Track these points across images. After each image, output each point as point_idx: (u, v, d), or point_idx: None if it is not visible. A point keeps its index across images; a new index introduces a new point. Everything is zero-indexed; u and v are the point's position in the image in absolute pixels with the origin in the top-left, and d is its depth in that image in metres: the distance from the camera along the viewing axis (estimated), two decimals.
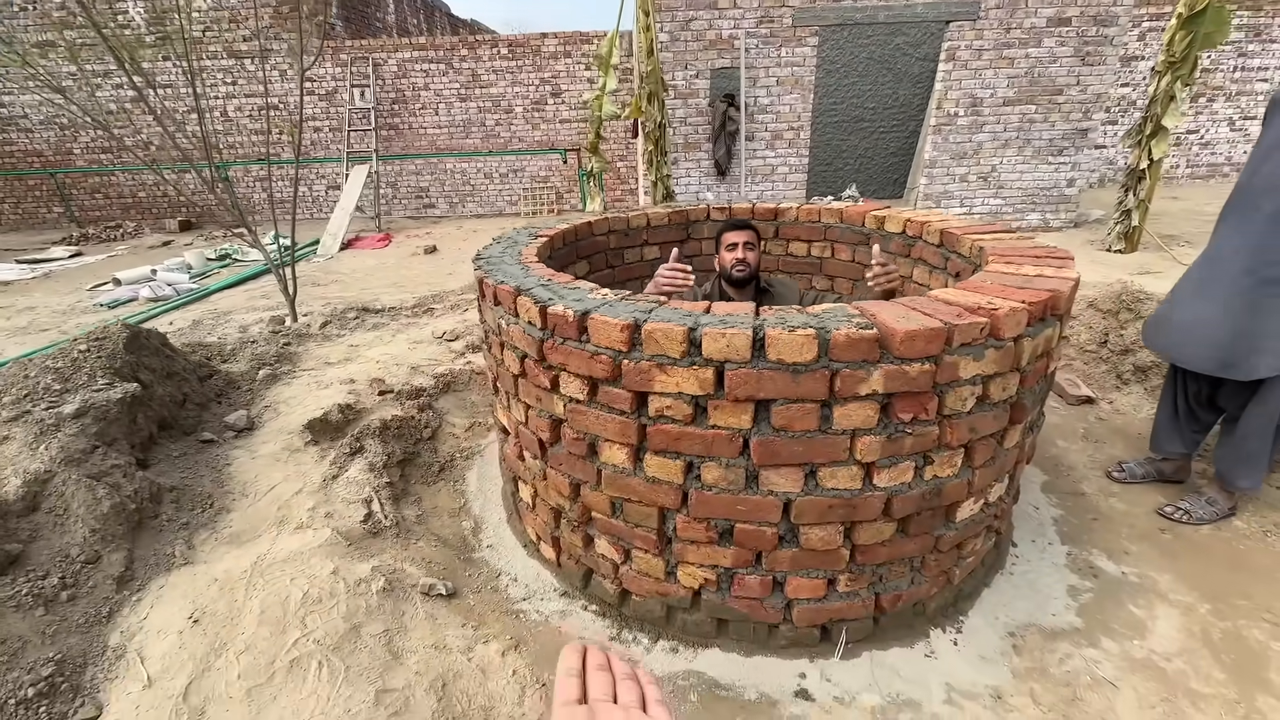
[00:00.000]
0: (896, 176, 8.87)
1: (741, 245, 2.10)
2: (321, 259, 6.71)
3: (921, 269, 2.39)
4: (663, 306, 1.44)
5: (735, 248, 2.11)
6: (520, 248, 2.16)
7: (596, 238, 2.71)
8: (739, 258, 2.10)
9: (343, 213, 7.53)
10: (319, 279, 5.81)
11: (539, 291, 1.58)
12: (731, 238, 2.12)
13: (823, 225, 2.78)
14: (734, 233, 2.12)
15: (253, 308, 4.89)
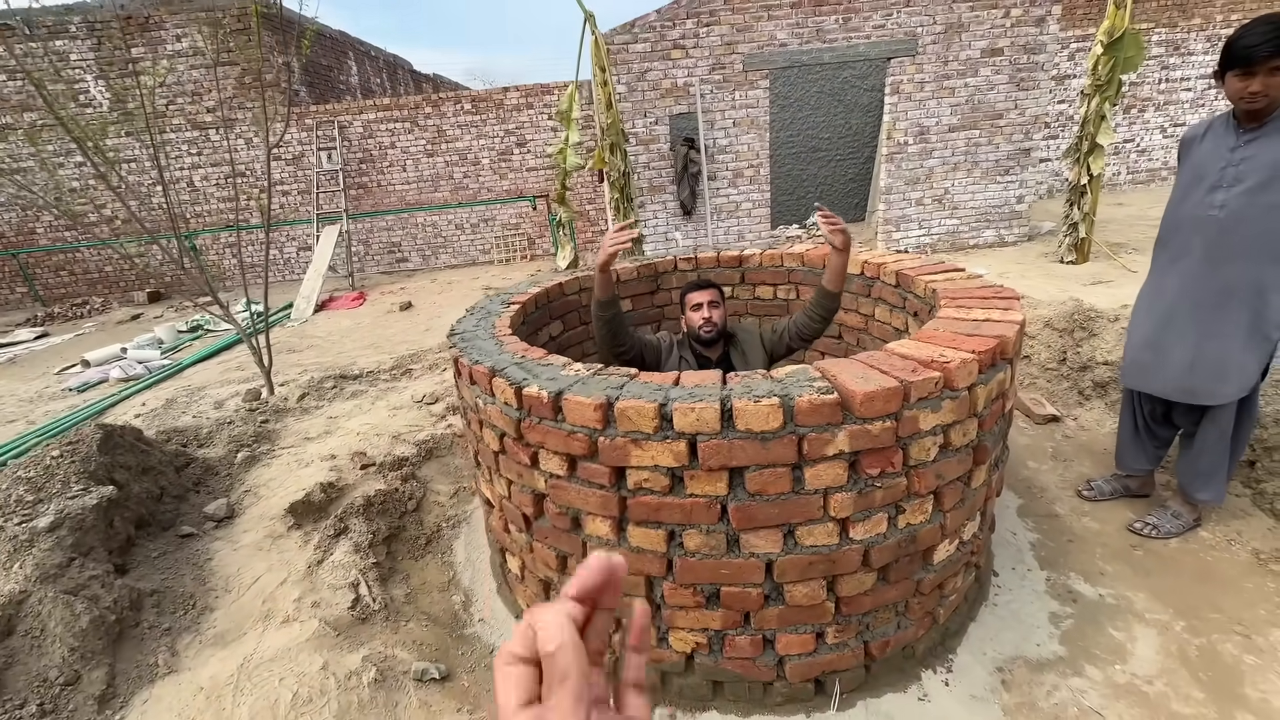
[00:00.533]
0: (857, 200, 9.20)
1: (706, 304, 2.17)
2: (296, 323, 6.69)
3: (882, 308, 2.48)
4: (634, 381, 1.49)
5: (700, 307, 2.18)
6: (494, 318, 2.21)
7: (568, 297, 2.77)
8: (705, 317, 2.16)
9: (315, 274, 7.54)
10: (294, 345, 5.79)
11: (513, 371, 1.63)
12: (696, 298, 2.19)
13: (786, 269, 2.89)
14: (697, 293, 2.20)
15: (227, 380, 4.84)
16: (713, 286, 2.22)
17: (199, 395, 4.48)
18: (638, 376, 1.53)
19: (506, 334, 1.99)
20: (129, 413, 4.24)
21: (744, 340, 2.29)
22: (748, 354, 2.26)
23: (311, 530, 2.31)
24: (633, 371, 1.56)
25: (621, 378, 1.52)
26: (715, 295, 2.20)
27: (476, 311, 2.37)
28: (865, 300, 2.57)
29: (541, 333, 2.64)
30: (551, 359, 1.69)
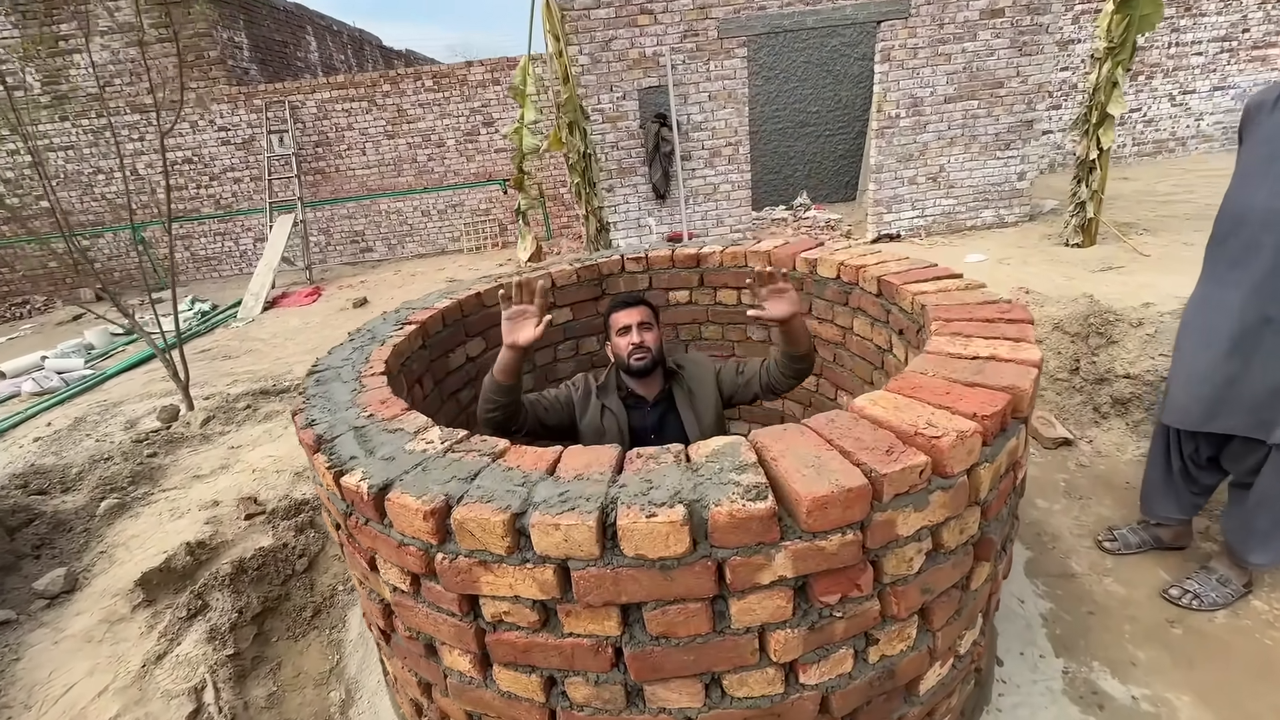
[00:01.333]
0: (848, 179, 8.67)
1: (636, 327, 1.72)
2: (241, 323, 6.20)
3: (862, 319, 2.04)
4: (492, 467, 1.05)
5: (628, 330, 1.73)
6: (375, 346, 1.76)
7: (489, 309, 2.31)
8: (635, 343, 1.71)
9: (266, 268, 7.03)
10: (233, 349, 5.31)
11: (344, 444, 1.18)
12: (621, 319, 1.74)
13: (749, 269, 2.43)
14: (623, 312, 1.75)
15: (149, 394, 4.39)
16: (642, 304, 1.78)
17: (113, 412, 4.03)
18: (504, 456, 1.09)
19: (373, 376, 1.54)
20: (29, 435, 3.80)
21: (691, 376, 1.85)
22: (695, 393, 1.82)
23: (163, 609, 1.89)
24: (499, 446, 1.12)
25: (480, 459, 1.08)
26: (646, 314, 1.76)
27: (359, 336, 1.91)
28: (842, 310, 2.12)
29: (457, 352, 2.19)
30: (404, 421, 1.25)
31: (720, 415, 1.85)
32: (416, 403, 1.86)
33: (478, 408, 1.62)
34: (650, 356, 1.72)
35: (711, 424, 1.80)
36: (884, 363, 1.92)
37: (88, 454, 2.93)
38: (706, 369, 1.87)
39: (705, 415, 1.80)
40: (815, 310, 2.24)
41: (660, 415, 1.80)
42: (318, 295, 6.96)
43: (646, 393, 1.80)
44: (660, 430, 1.78)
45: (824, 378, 2.32)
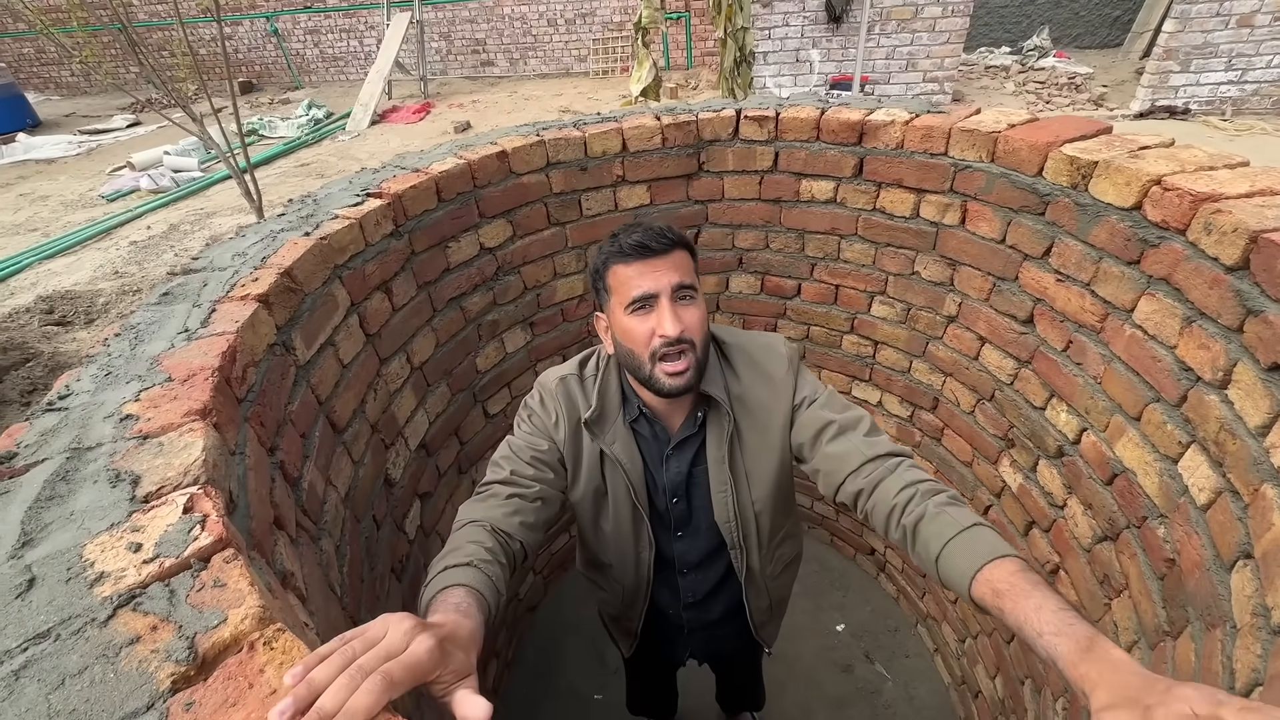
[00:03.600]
0: (1118, 14, 6.09)
1: (669, 298, 0.83)
2: (348, 137, 5.87)
3: (1164, 304, 1.03)
4: None
5: (651, 307, 0.83)
6: (298, 234, 1.12)
7: (523, 178, 1.56)
8: (670, 336, 0.82)
9: (377, 75, 6.50)
10: (329, 167, 5.02)
11: (17, 498, 0.59)
12: (637, 280, 0.83)
13: (952, 162, 1.40)
14: (639, 265, 0.83)
15: (241, 207, 4.24)
16: (678, 247, 0.86)
17: (203, 224, 3.95)
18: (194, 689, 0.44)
19: (235, 302, 0.91)
20: (129, 236, 3.83)
21: (745, 397, 0.94)
22: (745, 437, 0.95)
23: None
24: (197, 658, 0.46)
25: (145, 685, 0.44)
26: (685, 270, 0.85)
27: (297, 207, 1.27)
28: (1123, 272, 1.10)
29: (463, 240, 1.51)
30: (161, 456, 0.62)
31: (787, 479, 1.00)
32: (375, 319, 1.25)
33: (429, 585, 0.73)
34: (693, 363, 0.85)
35: (769, 494, 0.98)
36: (1193, 417, 0.96)
37: (141, 276, 2.74)
38: (777, 382, 0.94)
39: (761, 474, 0.97)
40: (1056, 257, 1.24)
41: (691, 465, 0.98)
42: (426, 112, 6.41)
43: (671, 419, 0.96)
44: (690, 494, 1.00)
45: (1010, 421, 1.36)
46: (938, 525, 0.74)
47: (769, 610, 1.15)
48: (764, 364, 0.95)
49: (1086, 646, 0.54)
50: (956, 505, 0.77)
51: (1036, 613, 0.59)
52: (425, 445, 1.46)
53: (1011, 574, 0.65)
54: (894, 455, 0.85)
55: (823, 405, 0.93)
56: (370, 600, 1.08)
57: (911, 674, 1.94)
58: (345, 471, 1.10)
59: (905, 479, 0.81)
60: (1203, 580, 0.88)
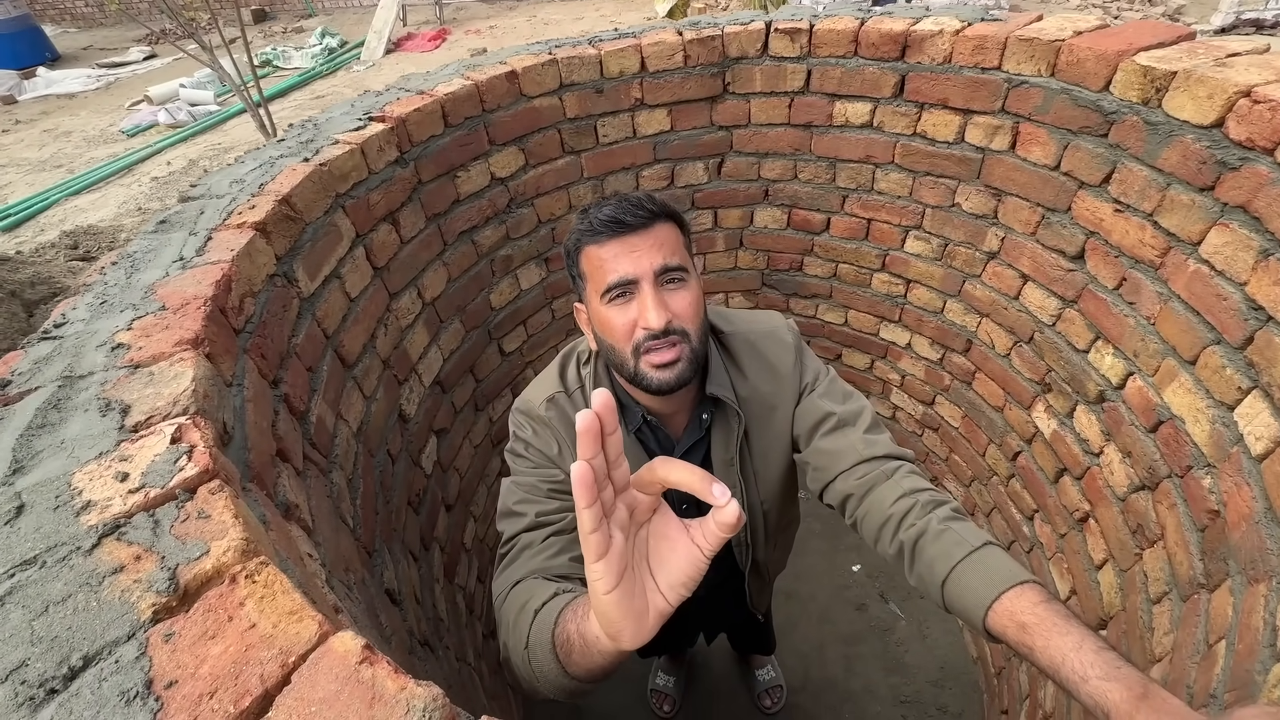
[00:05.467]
0: None
1: (652, 283, 0.70)
2: (363, 67, 5.67)
3: (1240, 243, 0.92)
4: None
5: (631, 294, 0.72)
6: (297, 160, 1.07)
7: (535, 102, 1.46)
8: (654, 329, 0.70)
9: (391, 1, 6.20)
10: (343, 99, 4.88)
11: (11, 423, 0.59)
12: (613, 264, 0.71)
13: (1006, 77, 1.26)
14: (614, 244, 0.71)
15: (261, 142, 4.18)
16: (661, 219, 0.73)
17: (222, 159, 3.91)
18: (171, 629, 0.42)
19: (231, 230, 0.88)
20: (150, 172, 3.82)
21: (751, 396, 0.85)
22: (753, 438, 0.87)
23: None
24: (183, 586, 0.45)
25: (126, 615, 0.43)
26: (670, 247, 0.72)
27: (297, 131, 1.21)
28: (1195, 202, 0.99)
29: (473, 170, 1.44)
30: (152, 386, 0.60)
31: (792, 472, 0.92)
32: (383, 251, 1.21)
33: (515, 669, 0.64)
34: (688, 355, 0.73)
35: (777, 492, 0.92)
36: (1258, 360, 0.87)
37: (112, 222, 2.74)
38: (784, 376, 0.85)
39: (768, 474, 0.90)
40: (1116, 184, 1.12)
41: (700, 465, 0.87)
42: (441, 40, 6.13)
43: (673, 422, 0.86)
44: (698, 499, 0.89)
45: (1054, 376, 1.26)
46: (943, 544, 0.66)
47: (763, 586, 1.15)
48: (769, 356, 0.86)
49: (1141, 694, 0.47)
50: (960, 521, 0.69)
51: (1076, 653, 0.52)
52: (440, 382, 1.45)
53: (1035, 604, 0.58)
54: (893, 458, 0.77)
55: (823, 394, 0.84)
56: (386, 531, 1.09)
57: (925, 614, 1.95)
58: (356, 406, 1.09)
59: (903, 487, 0.73)
60: (1250, 533, 0.83)
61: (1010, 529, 1.61)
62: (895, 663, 1.85)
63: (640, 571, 0.46)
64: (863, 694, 1.80)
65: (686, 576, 0.46)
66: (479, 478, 1.67)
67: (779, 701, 1.79)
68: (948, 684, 1.80)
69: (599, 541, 0.41)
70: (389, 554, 1.06)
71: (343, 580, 0.75)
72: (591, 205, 0.76)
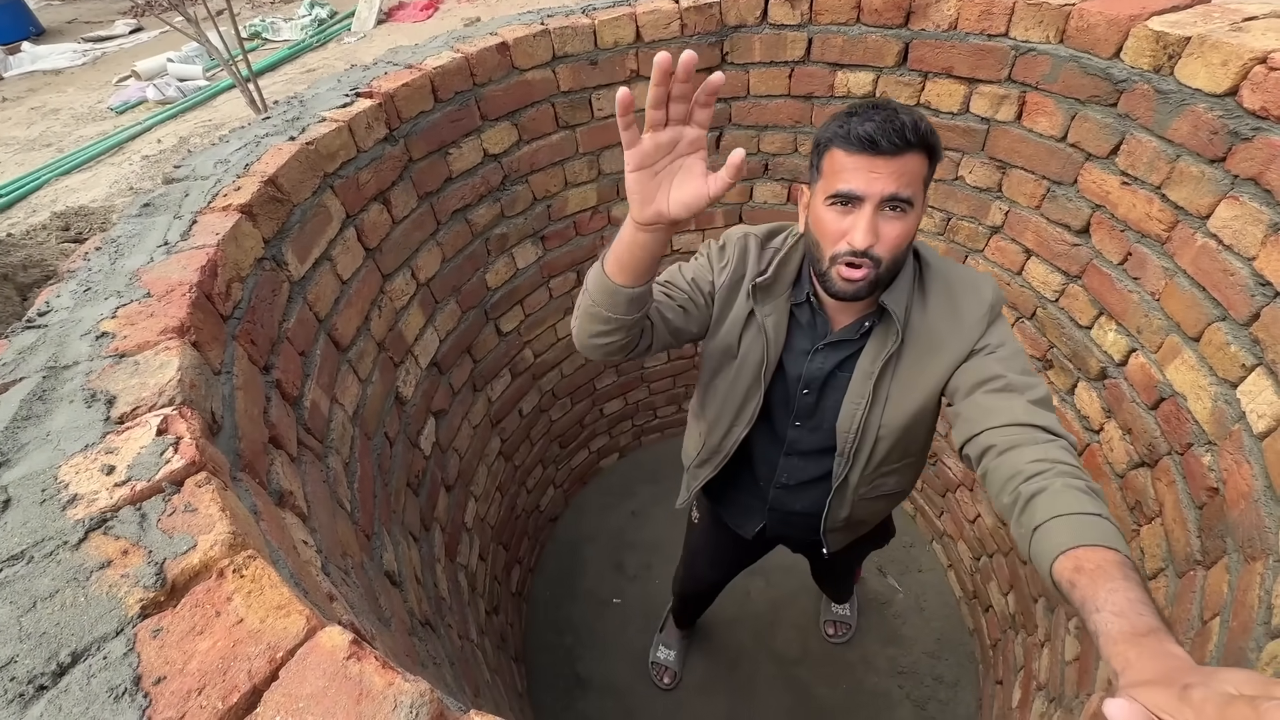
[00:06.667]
0: None
1: (874, 208, 0.73)
2: (354, 38, 5.54)
3: (1246, 208, 0.90)
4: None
5: (854, 208, 0.75)
6: (282, 139, 1.05)
7: (527, 75, 1.42)
8: (859, 248, 0.74)
9: None
10: (334, 71, 4.77)
11: None
12: (850, 177, 0.73)
13: (1013, 44, 1.22)
14: (860, 159, 0.72)
15: (252, 118, 4.10)
16: (913, 149, 0.72)
17: (212, 136, 3.84)
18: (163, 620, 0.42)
19: (216, 213, 0.86)
20: (141, 150, 3.76)
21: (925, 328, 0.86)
22: (903, 363, 0.87)
23: None
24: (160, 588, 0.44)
25: (114, 611, 0.43)
26: (908, 177, 0.73)
27: (282, 108, 1.18)
28: (1202, 171, 0.96)
29: (465, 146, 1.41)
30: (137, 375, 0.60)
31: (924, 421, 0.92)
32: (374, 232, 1.19)
33: (576, 324, 0.86)
34: (872, 277, 0.77)
35: (900, 426, 0.91)
36: (1264, 337, 0.86)
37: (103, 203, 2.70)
38: (965, 324, 0.84)
39: (902, 404, 0.89)
40: (1124, 156, 1.09)
41: (837, 365, 0.92)
42: (434, 9, 5.98)
43: (838, 316, 0.90)
44: (824, 391, 0.94)
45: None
46: (1055, 500, 0.64)
47: (844, 523, 1.10)
48: (959, 300, 0.85)
49: (1143, 632, 0.46)
50: (1091, 496, 0.64)
51: (1108, 594, 0.51)
52: (437, 363, 1.44)
53: (1107, 561, 0.55)
54: (1052, 433, 0.72)
55: (1002, 359, 0.81)
56: (385, 514, 1.10)
57: (924, 587, 1.97)
58: (352, 390, 1.08)
59: (1049, 454, 0.69)
60: (1248, 511, 0.82)
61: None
62: (893, 635, 1.88)
63: (662, 178, 0.65)
64: (860, 665, 1.83)
65: (690, 199, 0.65)
66: (478, 458, 1.68)
67: (843, 635, 1.90)
68: (944, 655, 1.83)
69: (630, 139, 0.62)
70: (388, 536, 1.07)
71: (340, 565, 0.76)
72: (857, 109, 0.75)
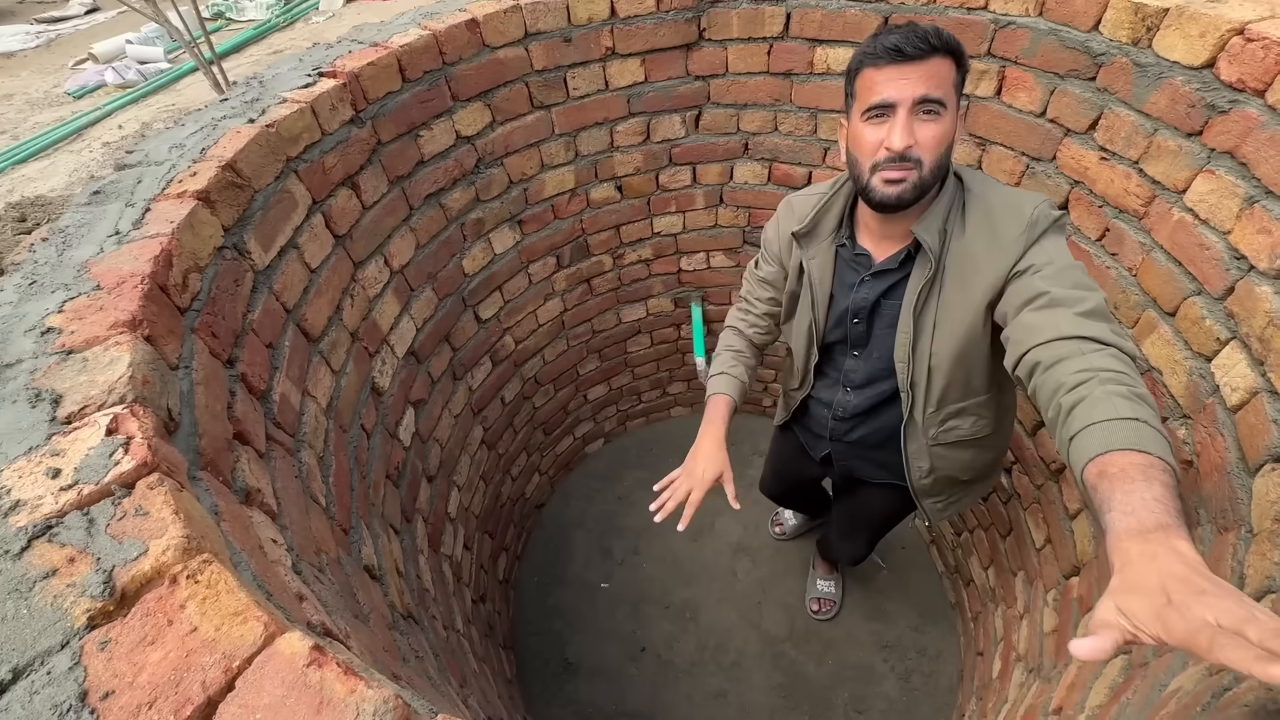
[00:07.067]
0: None
1: (908, 110, 0.77)
2: (322, 18, 5.35)
3: None
4: None
5: (887, 115, 0.79)
6: (241, 121, 1.00)
7: (499, 53, 1.38)
8: (896, 149, 0.78)
9: None
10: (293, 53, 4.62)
11: None
12: (882, 87, 0.78)
13: (993, 18, 1.20)
14: (890, 70, 0.77)
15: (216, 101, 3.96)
16: (938, 53, 0.77)
17: (177, 119, 3.70)
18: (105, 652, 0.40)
19: (171, 200, 0.82)
20: (101, 137, 3.62)
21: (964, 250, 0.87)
22: (946, 288, 0.89)
23: None
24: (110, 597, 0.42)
25: (59, 626, 0.41)
26: (937, 79, 0.77)
27: (241, 90, 1.13)
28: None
29: (436, 128, 1.37)
30: (87, 373, 0.57)
31: (976, 346, 0.91)
32: (343, 219, 1.15)
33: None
34: (915, 180, 0.80)
35: (951, 352, 0.92)
36: (1238, 311, 0.86)
37: None
38: (1003, 243, 0.83)
39: (950, 329, 0.91)
40: (1103, 131, 1.08)
41: (883, 294, 0.96)
42: None
43: (878, 245, 0.94)
44: (873, 319, 1.00)
45: None
46: (1093, 409, 0.62)
47: (930, 476, 1.10)
48: (997, 220, 0.84)
49: (1150, 528, 0.45)
50: (1132, 400, 0.62)
51: (1125, 494, 0.50)
52: (414, 352, 1.41)
53: (1132, 463, 0.54)
54: (1102, 342, 0.69)
55: (1048, 276, 0.78)
56: (363, 507, 1.08)
57: (906, 563, 2.00)
58: (325, 382, 1.06)
59: (1093, 363, 0.66)
60: (1221, 483, 0.83)
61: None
62: (877, 610, 1.91)
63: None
64: (845, 641, 1.86)
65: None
66: (460, 447, 1.66)
67: (828, 612, 1.90)
68: (927, 628, 1.87)
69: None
70: (367, 530, 1.05)
71: (313, 563, 0.74)
72: (881, 31, 0.82)
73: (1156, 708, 0.71)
